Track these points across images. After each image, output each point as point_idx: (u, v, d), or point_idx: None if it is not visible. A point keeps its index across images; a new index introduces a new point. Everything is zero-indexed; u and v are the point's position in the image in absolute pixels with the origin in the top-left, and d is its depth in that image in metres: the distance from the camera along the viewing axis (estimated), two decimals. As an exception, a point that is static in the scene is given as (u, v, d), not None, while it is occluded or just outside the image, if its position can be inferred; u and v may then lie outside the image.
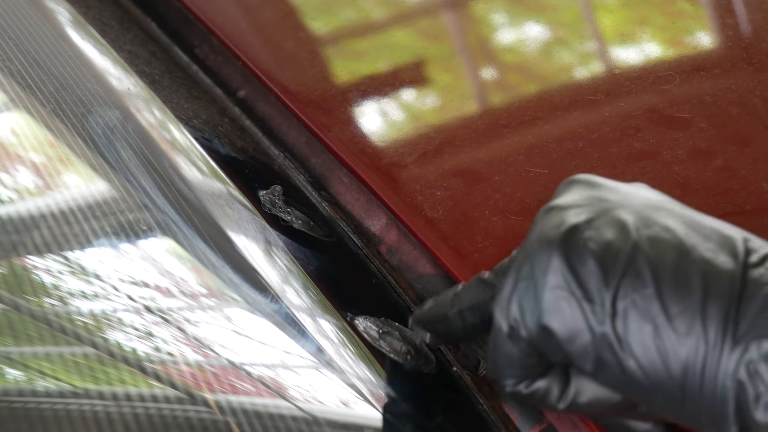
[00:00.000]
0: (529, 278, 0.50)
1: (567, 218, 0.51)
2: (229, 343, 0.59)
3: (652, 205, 0.52)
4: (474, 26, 0.95)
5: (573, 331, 0.49)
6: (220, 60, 0.91)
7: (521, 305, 0.51)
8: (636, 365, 0.48)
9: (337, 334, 0.62)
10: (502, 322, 0.52)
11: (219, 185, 0.73)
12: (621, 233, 0.49)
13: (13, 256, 0.57)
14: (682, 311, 0.47)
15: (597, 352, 0.49)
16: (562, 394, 0.53)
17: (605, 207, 0.51)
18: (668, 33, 0.90)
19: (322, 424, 0.54)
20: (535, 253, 0.51)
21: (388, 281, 0.70)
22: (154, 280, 0.60)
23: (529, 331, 0.50)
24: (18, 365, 0.51)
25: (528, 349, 0.51)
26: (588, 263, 0.49)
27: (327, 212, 0.76)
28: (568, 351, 0.50)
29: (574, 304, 0.49)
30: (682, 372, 0.46)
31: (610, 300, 0.48)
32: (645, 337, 0.47)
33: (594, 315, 0.48)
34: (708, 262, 0.48)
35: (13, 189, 0.63)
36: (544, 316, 0.50)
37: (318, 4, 0.96)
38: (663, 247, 0.48)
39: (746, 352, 0.45)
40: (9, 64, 0.73)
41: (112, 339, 0.54)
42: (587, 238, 0.50)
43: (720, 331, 0.46)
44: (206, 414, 0.51)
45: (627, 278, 0.48)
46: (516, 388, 0.53)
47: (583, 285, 0.49)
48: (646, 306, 0.47)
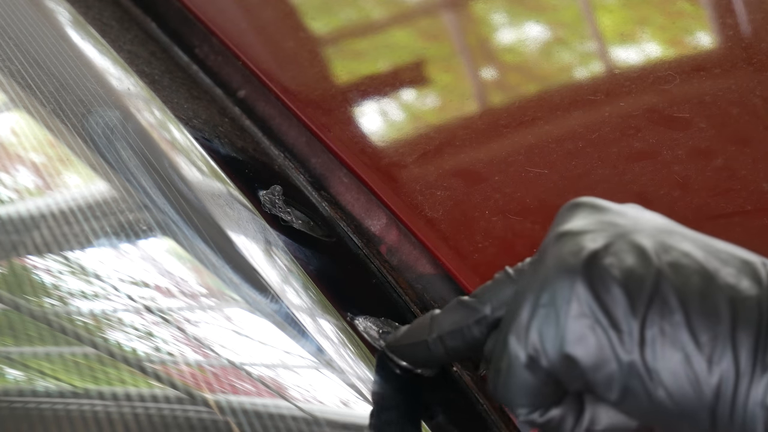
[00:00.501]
0: (549, 306, 0.49)
1: (584, 244, 0.50)
2: (229, 343, 0.59)
3: (664, 229, 0.51)
4: (474, 26, 0.95)
5: (599, 361, 0.48)
6: (220, 60, 0.91)
7: (541, 334, 0.49)
8: (665, 394, 0.47)
9: (337, 334, 0.62)
10: (520, 351, 0.50)
11: (219, 185, 0.73)
12: (642, 259, 0.49)
13: (13, 256, 0.57)
14: (711, 339, 0.46)
15: (624, 381, 0.48)
16: (576, 422, 0.52)
17: (620, 232, 0.50)
18: (668, 33, 0.90)
19: (322, 424, 0.54)
20: (554, 280, 0.49)
21: (388, 281, 0.70)
22: (154, 280, 0.60)
23: (549, 360, 0.49)
24: (18, 365, 0.51)
25: (546, 378, 0.50)
26: (613, 291, 0.48)
27: (327, 212, 0.76)
28: (591, 380, 0.49)
29: (600, 332, 0.48)
30: (714, 399, 0.46)
31: (638, 328, 0.47)
32: (675, 365, 0.47)
33: (621, 344, 0.48)
34: (732, 287, 0.47)
35: (13, 189, 0.63)
36: (567, 345, 0.49)
37: (318, 4, 0.96)
38: (686, 273, 0.48)
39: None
40: (9, 64, 0.73)
41: (112, 339, 0.54)
42: (609, 264, 0.49)
43: (750, 359, 0.46)
44: (206, 414, 0.51)
45: (654, 305, 0.47)
46: (529, 417, 0.52)
47: (609, 313, 0.48)
48: (674, 334, 0.47)
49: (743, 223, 0.70)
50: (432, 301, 0.69)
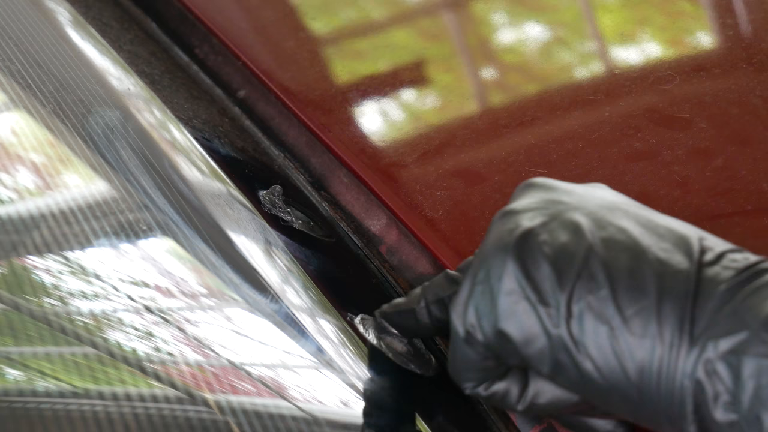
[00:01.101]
0: (484, 283, 0.51)
1: (521, 222, 0.51)
2: (229, 343, 0.59)
3: (607, 205, 0.51)
4: (474, 26, 0.95)
5: (529, 335, 0.49)
6: (220, 60, 0.91)
7: (477, 310, 0.51)
8: (592, 367, 0.47)
9: (337, 334, 0.62)
10: (459, 326, 0.52)
11: (219, 185, 0.73)
12: (575, 236, 0.49)
13: (13, 256, 0.57)
14: (637, 312, 0.47)
15: (553, 355, 0.49)
16: (521, 396, 0.53)
17: (560, 210, 0.51)
18: (668, 33, 0.90)
19: (322, 424, 0.54)
20: (490, 258, 0.51)
21: (388, 281, 0.70)
22: (154, 280, 0.60)
23: (485, 335, 0.51)
24: (18, 365, 0.51)
25: (485, 353, 0.51)
26: (542, 267, 0.49)
27: (327, 212, 0.76)
28: (525, 355, 0.50)
29: (529, 308, 0.49)
30: (639, 373, 0.46)
31: (565, 303, 0.48)
32: (601, 339, 0.47)
33: (549, 318, 0.48)
34: (663, 262, 0.47)
35: (13, 189, 0.63)
36: (500, 321, 0.50)
37: (318, 4, 0.96)
38: (617, 249, 0.48)
39: (704, 351, 0.45)
40: (9, 64, 0.73)
41: (112, 339, 0.54)
42: (541, 241, 0.49)
43: (676, 332, 0.46)
44: (206, 414, 0.51)
45: (581, 281, 0.48)
46: (475, 390, 0.53)
47: (537, 289, 0.49)
48: (601, 308, 0.47)
49: (743, 223, 0.70)
50: (432, 301, 0.69)
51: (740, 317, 0.45)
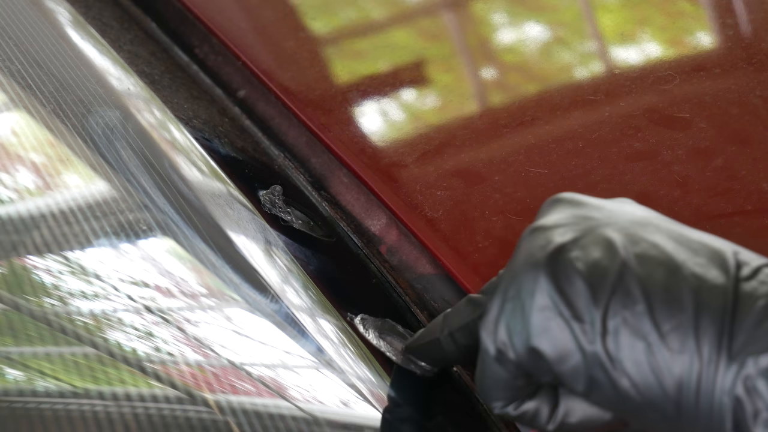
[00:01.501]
0: (515, 299, 0.50)
1: (553, 238, 0.50)
2: (229, 343, 0.59)
3: (639, 221, 0.51)
4: (474, 26, 0.95)
5: (563, 352, 0.48)
6: (220, 60, 0.91)
7: (509, 327, 0.50)
8: (629, 383, 0.47)
9: (337, 334, 0.62)
10: (489, 345, 0.51)
11: (219, 185, 0.73)
12: (608, 251, 0.49)
13: (13, 256, 0.57)
14: (674, 328, 0.46)
15: (588, 372, 0.48)
16: (551, 415, 0.52)
17: (591, 225, 0.51)
18: (668, 33, 0.90)
19: (322, 424, 0.54)
20: (521, 274, 0.50)
21: (388, 281, 0.70)
22: (154, 280, 0.60)
23: (517, 353, 0.50)
24: (18, 365, 0.51)
25: (516, 371, 0.51)
26: (575, 283, 0.48)
27: (327, 212, 0.76)
28: (558, 372, 0.49)
29: (563, 324, 0.48)
30: (677, 389, 0.46)
31: (600, 318, 0.47)
32: (637, 355, 0.47)
33: (584, 334, 0.48)
34: (699, 277, 0.47)
35: (13, 189, 0.63)
36: (533, 337, 0.49)
37: (318, 4, 0.96)
38: (652, 264, 0.48)
39: (743, 368, 0.45)
40: (9, 64, 0.73)
41: (112, 339, 0.54)
42: (574, 257, 0.49)
43: (714, 347, 0.45)
44: (206, 414, 0.51)
45: (617, 296, 0.47)
46: (504, 410, 0.53)
47: (571, 305, 0.48)
48: (637, 323, 0.47)
49: (743, 223, 0.70)
50: (432, 301, 0.69)
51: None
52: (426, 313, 0.68)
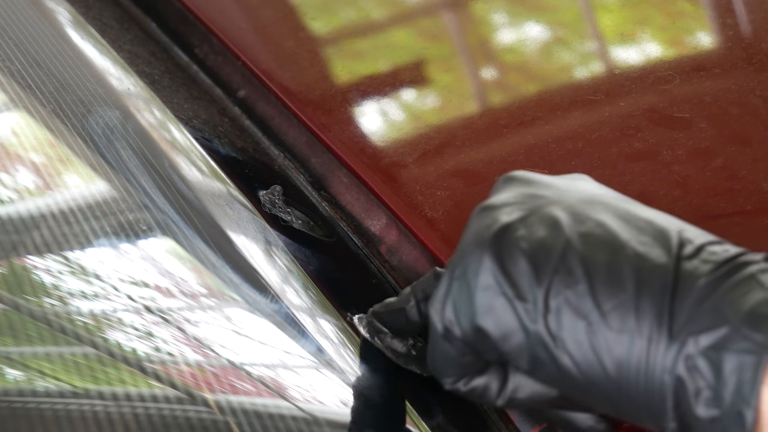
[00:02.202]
0: (461, 279, 0.50)
1: (499, 217, 0.51)
2: (229, 343, 0.59)
3: (587, 199, 0.51)
4: (474, 26, 0.95)
5: (507, 331, 0.49)
6: (220, 60, 0.91)
7: (455, 306, 0.50)
8: (571, 362, 0.47)
9: (337, 334, 0.62)
10: (437, 322, 0.51)
11: (219, 185, 0.73)
12: (553, 230, 0.49)
13: (13, 256, 0.57)
14: (615, 307, 0.46)
15: (531, 351, 0.48)
16: (500, 391, 0.52)
17: (538, 204, 0.51)
18: (668, 33, 0.90)
19: (322, 424, 0.54)
20: (467, 254, 0.50)
21: (388, 281, 0.70)
22: (154, 280, 0.60)
23: (463, 331, 0.50)
24: (18, 365, 0.51)
25: (463, 348, 0.51)
26: (519, 262, 0.48)
27: (327, 212, 0.76)
28: (502, 350, 0.49)
29: (506, 303, 0.48)
30: (617, 368, 0.46)
31: (542, 298, 0.48)
32: (579, 334, 0.47)
33: (527, 313, 0.48)
34: (641, 256, 0.47)
35: (13, 189, 0.63)
36: (478, 316, 0.49)
37: (318, 4, 0.96)
38: (595, 244, 0.48)
39: (684, 347, 0.45)
40: (9, 64, 0.73)
41: (112, 339, 0.54)
42: (519, 237, 0.49)
43: (655, 327, 0.45)
44: (206, 414, 0.51)
45: (559, 276, 0.48)
46: (455, 386, 0.53)
47: (514, 284, 0.48)
48: (578, 303, 0.47)
49: (743, 223, 0.70)
50: (432, 301, 0.69)
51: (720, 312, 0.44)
52: (426, 313, 0.68)
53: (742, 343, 0.43)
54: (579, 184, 0.53)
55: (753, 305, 0.44)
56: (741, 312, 0.44)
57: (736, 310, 0.44)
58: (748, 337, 0.43)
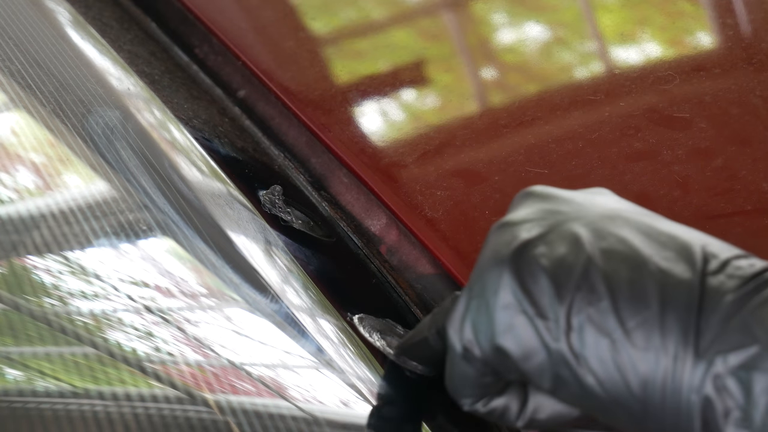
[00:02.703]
0: (480, 297, 0.49)
1: (519, 234, 0.50)
2: (229, 343, 0.59)
3: (608, 214, 0.50)
4: (474, 26, 0.95)
5: (528, 350, 0.48)
6: (220, 60, 0.91)
7: (474, 325, 0.49)
8: (594, 381, 0.46)
9: (337, 334, 0.62)
10: (456, 342, 0.50)
11: (219, 185, 0.73)
12: (574, 247, 0.48)
13: (13, 256, 0.57)
14: (639, 324, 0.45)
15: (554, 370, 0.47)
16: (521, 412, 0.52)
17: (558, 220, 0.50)
18: (668, 33, 0.90)
19: (322, 424, 0.54)
20: (485, 272, 0.49)
21: (388, 281, 0.70)
22: (154, 280, 0.60)
23: (483, 351, 0.49)
24: (18, 365, 0.51)
25: (483, 368, 0.50)
26: (540, 280, 0.47)
27: (327, 212, 0.76)
28: (524, 370, 0.48)
29: (527, 322, 0.47)
30: (642, 387, 0.45)
31: (564, 316, 0.47)
32: (602, 352, 0.46)
33: (548, 332, 0.47)
34: (665, 272, 0.46)
35: (13, 189, 0.63)
36: (498, 336, 0.48)
37: (318, 4, 0.96)
38: (618, 260, 0.47)
39: (712, 366, 0.44)
40: (9, 64, 0.73)
41: (112, 339, 0.54)
42: (539, 254, 0.48)
43: (680, 344, 0.44)
44: (206, 414, 0.51)
45: (581, 293, 0.47)
46: (473, 407, 0.52)
47: (535, 302, 0.47)
48: (601, 320, 0.46)
49: (743, 223, 0.70)
50: (432, 301, 0.69)
51: (749, 330, 0.43)
52: (426, 313, 0.68)
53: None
54: (599, 198, 0.52)
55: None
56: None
57: (766, 327, 0.43)
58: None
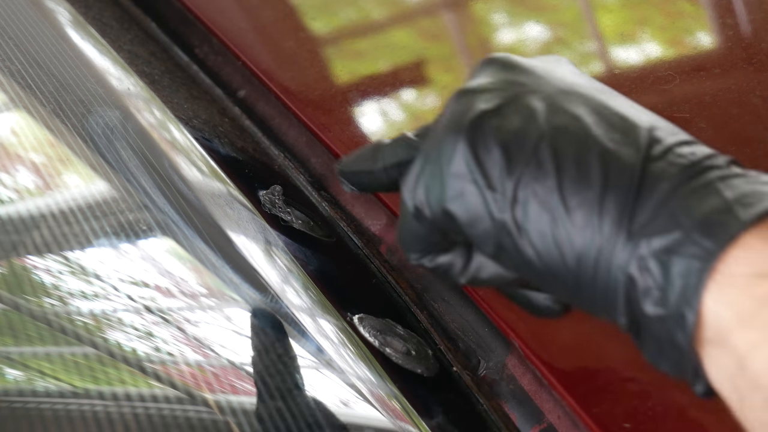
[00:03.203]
0: (435, 163, 0.52)
1: (476, 104, 0.51)
2: (229, 343, 0.59)
3: (565, 89, 0.52)
4: (474, 26, 0.95)
5: (474, 217, 0.50)
6: (220, 60, 0.91)
7: (427, 188, 0.52)
8: (533, 252, 0.49)
9: (337, 334, 0.62)
10: (408, 201, 0.53)
11: (219, 185, 0.73)
12: (528, 121, 0.50)
13: (13, 256, 0.57)
14: (580, 204, 0.47)
15: (497, 238, 0.50)
16: (464, 269, 0.55)
17: (516, 92, 0.52)
18: (668, 33, 0.90)
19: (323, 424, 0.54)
20: (442, 139, 0.52)
21: (388, 281, 0.70)
22: (154, 280, 0.60)
23: (433, 213, 0.52)
24: (18, 365, 0.51)
25: (432, 228, 0.53)
26: (492, 152, 0.50)
27: (327, 212, 0.76)
28: (469, 234, 0.51)
29: (476, 191, 0.50)
30: (577, 261, 0.47)
31: (511, 189, 0.49)
32: (543, 226, 0.48)
33: (495, 203, 0.49)
34: (610, 154, 0.48)
35: (13, 189, 0.63)
36: (447, 201, 0.51)
37: (318, 4, 0.96)
38: (567, 138, 0.49)
39: (638, 247, 0.46)
40: (9, 64, 0.73)
41: (112, 339, 0.54)
42: (494, 126, 0.50)
43: (615, 225, 0.46)
44: (206, 414, 0.51)
45: (529, 168, 0.49)
46: (420, 261, 0.55)
47: (486, 174, 0.50)
48: (546, 197, 0.48)
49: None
50: (432, 301, 0.69)
51: (676, 217, 0.46)
52: (426, 313, 0.68)
53: (691, 248, 0.45)
54: (558, 70, 0.54)
55: (707, 212, 0.45)
56: (694, 218, 0.45)
57: (690, 215, 0.45)
58: (698, 243, 0.45)
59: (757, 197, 0.45)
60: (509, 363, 0.63)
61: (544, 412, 0.60)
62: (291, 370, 0.58)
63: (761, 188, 0.46)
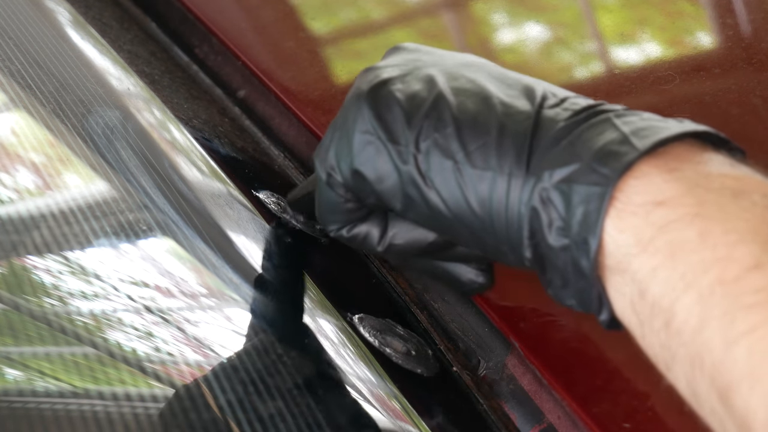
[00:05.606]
0: (342, 128, 0.54)
1: (380, 74, 0.54)
2: (229, 343, 0.59)
3: (464, 63, 0.54)
4: (474, 26, 0.95)
5: (381, 173, 0.52)
6: (220, 60, 0.91)
7: (337, 153, 0.54)
8: (439, 199, 0.50)
9: (337, 334, 0.62)
10: (321, 170, 0.55)
11: (219, 185, 0.73)
12: (427, 84, 0.52)
13: (13, 256, 0.57)
14: (479, 147, 0.49)
15: (404, 190, 0.52)
16: (381, 238, 0.56)
17: (418, 65, 0.54)
18: (668, 33, 0.90)
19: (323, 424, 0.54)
20: (348, 106, 0.54)
21: (388, 281, 0.70)
22: (154, 280, 0.60)
23: (344, 175, 0.54)
24: (18, 365, 0.51)
25: (345, 194, 0.54)
26: (394, 109, 0.52)
27: (327, 212, 0.76)
28: (378, 191, 0.52)
29: (380, 146, 0.52)
30: (481, 204, 0.49)
31: (413, 140, 0.51)
32: (446, 173, 0.50)
33: (399, 155, 0.51)
34: (506, 105, 0.50)
35: (13, 189, 0.63)
36: (355, 160, 0.53)
37: (318, 4, 0.96)
38: (465, 95, 0.51)
39: (539, 181, 0.47)
40: (9, 64, 0.73)
41: (112, 339, 0.54)
42: (395, 89, 0.53)
43: (514, 164, 0.48)
44: (206, 414, 0.51)
45: (429, 120, 0.51)
46: (339, 232, 0.57)
47: (388, 129, 0.52)
48: (446, 144, 0.50)
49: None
50: (432, 301, 0.69)
51: (574, 150, 0.47)
52: (426, 313, 0.68)
53: (591, 176, 0.46)
54: (460, 54, 0.57)
55: (604, 143, 0.47)
56: (593, 149, 0.47)
57: (588, 147, 0.47)
58: (596, 171, 0.46)
59: (653, 130, 0.47)
60: (509, 363, 0.63)
61: (544, 412, 0.60)
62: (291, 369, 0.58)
63: (656, 123, 0.48)
